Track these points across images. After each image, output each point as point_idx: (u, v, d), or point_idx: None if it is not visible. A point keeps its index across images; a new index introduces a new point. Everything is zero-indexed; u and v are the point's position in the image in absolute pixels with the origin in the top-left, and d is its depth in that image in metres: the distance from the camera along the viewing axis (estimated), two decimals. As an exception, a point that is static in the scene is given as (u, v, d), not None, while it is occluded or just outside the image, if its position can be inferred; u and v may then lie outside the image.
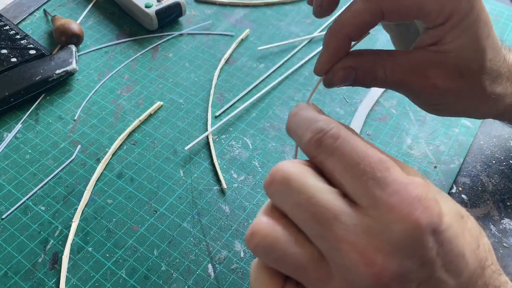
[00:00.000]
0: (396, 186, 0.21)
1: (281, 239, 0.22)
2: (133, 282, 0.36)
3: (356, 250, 0.21)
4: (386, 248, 0.21)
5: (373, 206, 0.21)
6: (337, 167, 0.22)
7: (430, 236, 0.21)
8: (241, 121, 0.48)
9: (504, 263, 0.38)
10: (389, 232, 0.21)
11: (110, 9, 0.61)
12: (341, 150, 0.22)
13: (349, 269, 0.21)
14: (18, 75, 0.48)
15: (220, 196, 0.42)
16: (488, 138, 0.47)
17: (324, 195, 0.22)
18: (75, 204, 0.41)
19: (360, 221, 0.21)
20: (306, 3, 0.37)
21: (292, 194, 0.22)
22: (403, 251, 0.21)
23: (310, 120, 0.23)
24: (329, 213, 0.21)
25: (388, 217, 0.21)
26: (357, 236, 0.21)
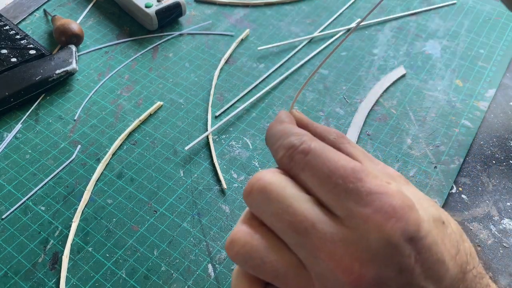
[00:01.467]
0: (370, 196, 0.21)
1: (260, 247, 0.22)
2: (133, 282, 0.36)
3: (333, 258, 0.21)
4: (363, 256, 0.21)
5: (348, 216, 0.21)
6: (310, 181, 0.22)
7: (407, 244, 0.21)
8: (241, 121, 0.48)
9: (504, 263, 0.38)
10: (365, 241, 0.21)
11: (110, 9, 0.61)
12: (312, 164, 0.22)
13: (327, 278, 0.21)
14: (18, 75, 0.48)
15: (220, 196, 0.42)
16: (488, 138, 0.47)
17: (302, 204, 0.22)
18: (75, 204, 0.41)
19: (337, 230, 0.21)
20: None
21: (270, 204, 0.22)
22: (380, 260, 0.21)
23: (283, 135, 0.23)
24: (307, 222, 0.21)
25: (363, 227, 0.21)
26: (335, 245, 0.21)
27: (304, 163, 0.22)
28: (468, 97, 0.51)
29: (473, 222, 0.41)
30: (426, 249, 0.22)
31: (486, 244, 0.39)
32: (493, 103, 0.50)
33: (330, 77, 0.53)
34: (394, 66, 0.54)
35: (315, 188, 0.22)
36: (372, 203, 0.21)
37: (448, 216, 0.24)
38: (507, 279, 0.37)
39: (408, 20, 0.60)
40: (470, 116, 0.49)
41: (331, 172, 0.21)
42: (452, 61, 0.54)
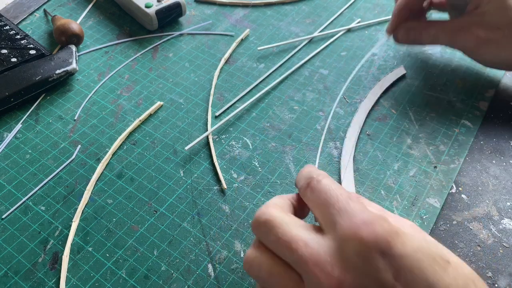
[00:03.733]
0: (351, 213, 0.26)
1: (266, 264, 0.28)
2: (133, 282, 0.36)
3: (318, 266, 0.25)
4: (341, 264, 0.25)
5: (332, 230, 0.26)
6: (314, 201, 0.29)
7: (380, 257, 0.25)
8: (241, 121, 0.48)
9: (504, 263, 0.38)
10: (342, 250, 0.25)
11: (110, 9, 0.61)
12: (320, 188, 0.29)
13: (315, 284, 0.25)
14: (18, 75, 0.48)
15: (220, 196, 0.42)
16: (488, 138, 0.47)
17: (295, 229, 0.27)
18: (75, 204, 0.41)
19: (323, 243, 0.26)
20: None
21: (271, 232, 0.28)
22: (356, 268, 0.25)
23: (308, 172, 0.31)
24: (300, 241, 0.26)
25: (342, 238, 0.26)
26: (319, 256, 0.25)
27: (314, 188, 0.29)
28: (468, 97, 0.51)
29: (473, 222, 0.41)
30: (406, 270, 0.25)
31: (486, 244, 0.39)
32: (493, 103, 0.50)
33: (330, 77, 0.53)
34: (394, 66, 0.54)
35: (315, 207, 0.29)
36: (352, 218, 0.26)
37: (460, 260, 0.27)
38: (507, 279, 0.37)
39: (408, 20, 0.60)
40: (470, 116, 0.49)
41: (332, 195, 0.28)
42: (452, 61, 0.54)
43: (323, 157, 0.45)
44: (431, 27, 0.47)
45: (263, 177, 0.43)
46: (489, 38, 0.44)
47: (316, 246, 0.26)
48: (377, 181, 0.43)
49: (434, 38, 0.48)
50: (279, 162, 0.45)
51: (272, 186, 0.43)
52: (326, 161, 0.45)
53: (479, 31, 0.44)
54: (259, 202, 0.41)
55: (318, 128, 0.47)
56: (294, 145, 0.46)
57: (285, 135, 0.47)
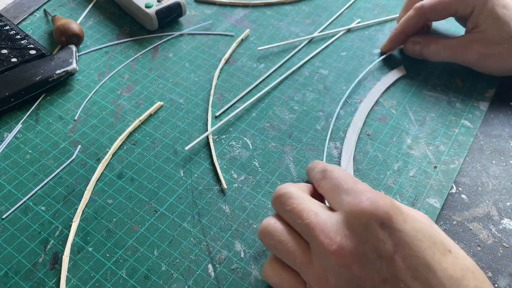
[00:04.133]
0: (356, 191, 0.29)
1: (279, 229, 0.31)
2: (133, 282, 0.36)
3: (323, 233, 0.28)
4: (343, 232, 0.28)
5: (339, 206, 0.30)
6: (327, 188, 0.32)
7: (379, 228, 0.27)
8: (241, 121, 0.48)
9: (504, 263, 0.38)
10: (347, 220, 0.28)
11: (110, 9, 0.61)
12: (331, 176, 0.32)
13: (319, 251, 0.28)
14: (18, 75, 0.48)
15: (220, 196, 0.42)
16: (488, 138, 0.47)
17: (310, 202, 0.31)
18: (75, 204, 0.41)
19: (331, 215, 0.29)
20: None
21: (286, 203, 0.31)
22: (357, 235, 0.27)
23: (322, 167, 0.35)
24: (311, 212, 0.29)
25: (346, 210, 0.29)
26: (326, 224, 0.28)
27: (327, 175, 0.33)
28: (468, 97, 0.51)
29: (473, 222, 0.41)
30: (405, 244, 0.27)
31: (486, 244, 0.39)
32: (493, 103, 0.50)
33: (330, 77, 0.53)
34: (394, 66, 0.54)
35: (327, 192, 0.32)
36: (356, 194, 0.29)
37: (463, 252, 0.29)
38: (507, 279, 0.37)
39: (408, 20, 0.60)
40: (470, 116, 0.49)
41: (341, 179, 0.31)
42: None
43: (323, 157, 0.45)
44: (434, 44, 0.50)
45: (263, 177, 0.43)
46: (491, 53, 0.47)
47: (324, 216, 0.29)
48: (377, 181, 0.43)
49: (437, 54, 0.51)
50: (279, 162, 0.45)
51: (272, 186, 0.43)
52: (326, 161, 0.45)
53: (480, 48, 0.48)
54: (259, 202, 0.42)
55: (318, 128, 0.47)
56: (294, 145, 0.46)
57: (285, 135, 0.47)
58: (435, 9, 0.49)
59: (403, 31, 0.52)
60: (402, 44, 0.54)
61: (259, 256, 0.38)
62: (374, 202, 0.28)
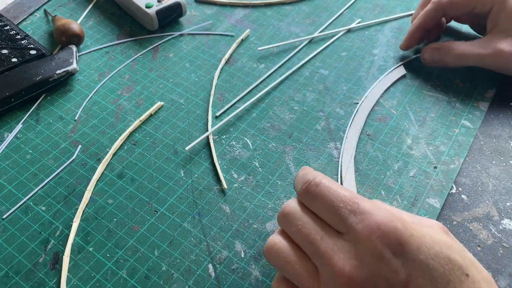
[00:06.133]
0: (363, 215, 0.27)
1: (286, 249, 0.30)
2: (133, 282, 0.36)
3: (333, 262, 0.27)
4: (354, 262, 0.26)
5: (347, 231, 0.28)
6: (320, 206, 0.29)
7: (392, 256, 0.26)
8: (242, 121, 0.48)
9: (504, 263, 0.38)
10: (357, 249, 0.27)
11: (111, 9, 0.61)
12: (322, 193, 0.29)
13: (329, 278, 0.27)
14: (19, 75, 0.48)
15: (220, 196, 0.42)
16: (488, 138, 0.47)
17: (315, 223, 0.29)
18: (76, 204, 0.41)
19: (338, 242, 0.28)
20: None
21: (292, 224, 0.30)
22: (368, 265, 0.26)
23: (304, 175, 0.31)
24: (318, 236, 0.28)
25: (356, 239, 0.27)
26: (334, 253, 0.27)
27: (316, 193, 0.30)
28: (468, 97, 0.51)
29: (473, 222, 0.41)
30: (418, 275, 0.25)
31: (486, 244, 0.39)
32: (493, 103, 0.50)
33: (330, 77, 0.53)
34: (394, 66, 0.54)
35: (323, 212, 0.29)
36: (364, 221, 0.27)
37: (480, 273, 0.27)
38: (507, 279, 0.37)
39: (408, 20, 0.60)
40: (470, 116, 0.49)
41: (336, 198, 0.29)
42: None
43: (323, 157, 0.45)
44: (456, 49, 0.49)
45: (264, 177, 0.43)
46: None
47: (332, 242, 0.28)
48: (377, 182, 0.43)
49: (460, 59, 0.49)
50: (279, 162, 0.45)
51: (272, 186, 0.43)
52: (326, 161, 0.45)
53: (504, 46, 0.46)
54: (259, 202, 0.42)
55: (318, 128, 0.48)
56: (294, 145, 0.46)
57: (286, 135, 0.47)
58: (453, 3, 0.49)
59: (421, 25, 0.51)
60: (420, 40, 0.53)
61: (259, 256, 0.38)
62: (387, 228, 0.26)
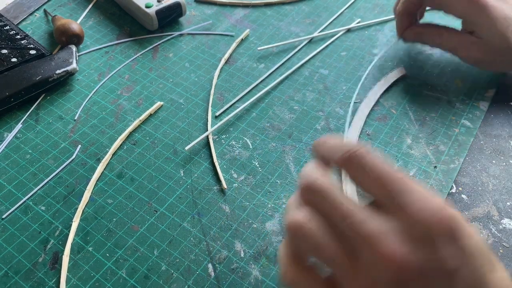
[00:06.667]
0: (418, 195, 0.24)
1: (315, 232, 0.26)
2: (133, 282, 0.36)
3: (380, 245, 0.23)
4: (405, 243, 0.23)
5: (398, 210, 0.24)
6: (366, 180, 0.26)
7: (447, 242, 0.23)
8: (241, 121, 0.48)
9: (504, 263, 0.38)
10: (407, 229, 0.24)
11: (110, 9, 0.61)
12: (370, 165, 0.26)
13: (372, 264, 0.24)
14: (18, 75, 0.48)
15: (220, 196, 0.42)
16: (488, 138, 0.47)
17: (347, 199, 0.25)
18: (75, 204, 0.41)
19: (385, 222, 0.24)
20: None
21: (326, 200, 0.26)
22: (422, 249, 0.23)
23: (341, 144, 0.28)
24: (360, 214, 0.24)
25: (410, 219, 0.24)
26: (382, 234, 0.24)
27: (364, 162, 0.26)
28: (468, 97, 0.51)
29: (473, 222, 0.41)
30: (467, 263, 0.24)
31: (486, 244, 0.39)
32: (493, 103, 0.50)
33: (330, 77, 0.53)
34: (394, 66, 0.54)
35: (369, 186, 0.26)
36: (420, 201, 0.24)
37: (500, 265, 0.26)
38: (507, 279, 0.37)
39: (408, 20, 0.60)
40: (470, 116, 0.49)
41: (386, 173, 0.25)
42: (452, 61, 0.54)
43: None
44: (437, 36, 0.50)
45: (263, 177, 0.43)
46: (484, 59, 0.48)
47: (377, 222, 0.24)
48: (377, 181, 0.43)
49: (438, 45, 0.51)
50: (279, 162, 0.45)
51: (272, 186, 0.43)
52: (326, 161, 0.45)
53: (476, 53, 0.48)
54: (259, 202, 0.42)
55: (318, 128, 0.48)
56: (294, 145, 0.46)
57: (285, 135, 0.47)
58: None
59: (404, 11, 0.51)
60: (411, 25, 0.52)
61: (259, 255, 0.38)
62: (446, 213, 0.24)
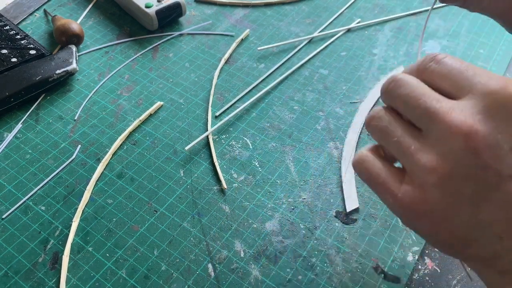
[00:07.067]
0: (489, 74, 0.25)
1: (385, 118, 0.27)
2: (133, 282, 0.36)
3: (450, 116, 0.24)
4: (476, 116, 0.24)
5: (470, 91, 0.25)
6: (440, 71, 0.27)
7: None
8: (241, 121, 0.48)
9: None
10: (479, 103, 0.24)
11: (110, 9, 0.61)
12: (446, 61, 0.27)
13: (441, 134, 0.24)
14: (19, 75, 0.48)
15: (220, 196, 0.42)
16: (488, 138, 0.47)
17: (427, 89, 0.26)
18: (75, 204, 0.41)
19: (457, 102, 0.25)
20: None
21: (402, 87, 0.27)
22: (493, 120, 0.24)
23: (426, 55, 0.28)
24: (432, 97, 0.25)
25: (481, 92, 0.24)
26: (452, 110, 0.24)
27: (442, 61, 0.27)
28: (468, 97, 0.51)
29: (473, 222, 0.40)
30: None
31: None
32: (493, 103, 0.50)
33: (330, 77, 0.53)
34: (394, 66, 0.54)
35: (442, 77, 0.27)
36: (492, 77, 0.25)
37: None
38: (507, 279, 0.37)
39: (408, 20, 0.60)
40: (470, 116, 0.49)
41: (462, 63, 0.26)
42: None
43: (323, 157, 0.45)
44: None
45: (263, 177, 0.43)
46: None
47: (449, 103, 0.25)
48: (377, 181, 0.43)
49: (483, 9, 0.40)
50: (279, 162, 0.45)
51: (272, 186, 0.43)
52: (326, 161, 0.45)
53: None
54: (259, 202, 0.42)
55: (318, 128, 0.47)
56: (294, 145, 0.46)
57: (285, 135, 0.47)
58: None
59: None
60: None
61: (259, 255, 0.38)
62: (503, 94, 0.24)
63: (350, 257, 0.38)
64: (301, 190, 0.42)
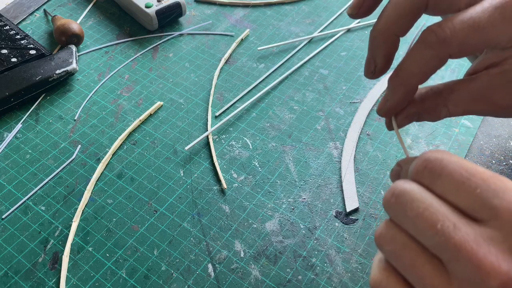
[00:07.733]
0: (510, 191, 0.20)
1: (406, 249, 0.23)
2: (133, 282, 0.36)
3: (477, 259, 0.20)
4: (507, 255, 0.20)
5: (493, 216, 0.21)
6: (447, 186, 0.22)
7: None
8: (241, 121, 0.48)
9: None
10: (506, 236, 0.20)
11: (110, 9, 0.61)
12: (449, 169, 0.22)
13: (470, 280, 0.20)
14: (18, 75, 0.48)
15: (220, 196, 0.42)
16: (488, 138, 0.47)
17: (439, 207, 0.22)
18: (75, 204, 0.41)
19: (480, 231, 0.20)
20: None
21: (408, 206, 0.22)
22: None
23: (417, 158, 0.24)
24: (449, 222, 0.21)
25: (505, 221, 0.20)
26: (478, 245, 0.20)
27: (441, 168, 0.22)
28: (468, 97, 0.51)
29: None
30: None
31: None
32: (493, 103, 0.50)
33: (330, 77, 0.53)
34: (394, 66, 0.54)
35: (452, 193, 0.22)
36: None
37: None
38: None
39: (408, 20, 0.60)
40: (470, 116, 0.49)
41: (471, 174, 0.21)
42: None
43: (323, 157, 0.45)
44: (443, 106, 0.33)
45: (263, 177, 0.43)
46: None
47: (471, 231, 0.20)
48: (377, 181, 0.43)
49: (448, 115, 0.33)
50: (279, 162, 0.45)
51: (272, 186, 0.43)
52: (326, 161, 0.45)
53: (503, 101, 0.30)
54: (259, 202, 0.42)
55: (318, 128, 0.48)
56: (294, 145, 0.46)
57: (285, 135, 0.47)
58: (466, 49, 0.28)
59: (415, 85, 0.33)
60: None
61: (259, 255, 0.38)
62: None
63: (350, 257, 0.38)
64: (301, 190, 0.42)
